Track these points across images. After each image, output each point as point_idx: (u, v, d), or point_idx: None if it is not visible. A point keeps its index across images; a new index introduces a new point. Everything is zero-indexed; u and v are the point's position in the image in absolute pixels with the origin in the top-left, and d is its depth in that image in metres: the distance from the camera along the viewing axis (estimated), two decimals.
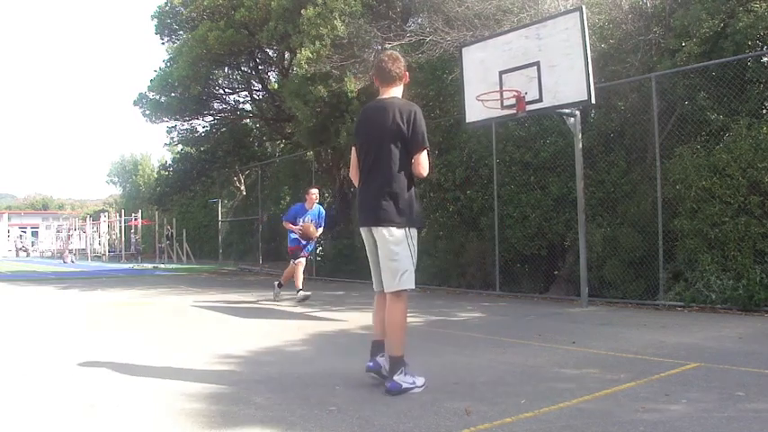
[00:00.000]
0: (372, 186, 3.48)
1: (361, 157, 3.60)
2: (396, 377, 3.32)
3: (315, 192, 8.65)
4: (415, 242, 3.61)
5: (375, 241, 3.54)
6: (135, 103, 16.39)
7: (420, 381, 3.39)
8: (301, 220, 8.49)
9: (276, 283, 8.79)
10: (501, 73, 7.23)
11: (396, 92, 3.61)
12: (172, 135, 18.90)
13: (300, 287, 8.32)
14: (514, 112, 7.10)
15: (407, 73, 3.68)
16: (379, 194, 3.43)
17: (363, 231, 3.62)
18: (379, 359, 3.52)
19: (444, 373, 3.85)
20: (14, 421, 2.91)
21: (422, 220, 3.89)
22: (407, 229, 3.50)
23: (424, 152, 3.47)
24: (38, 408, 3.13)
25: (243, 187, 22.66)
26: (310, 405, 3.11)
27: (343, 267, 12.82)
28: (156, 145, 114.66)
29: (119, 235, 31.49)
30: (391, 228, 3.45)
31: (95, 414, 2.99)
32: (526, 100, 6.96)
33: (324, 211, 8.79)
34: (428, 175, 3.60)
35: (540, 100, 6.88)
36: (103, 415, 2.97)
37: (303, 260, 8.52)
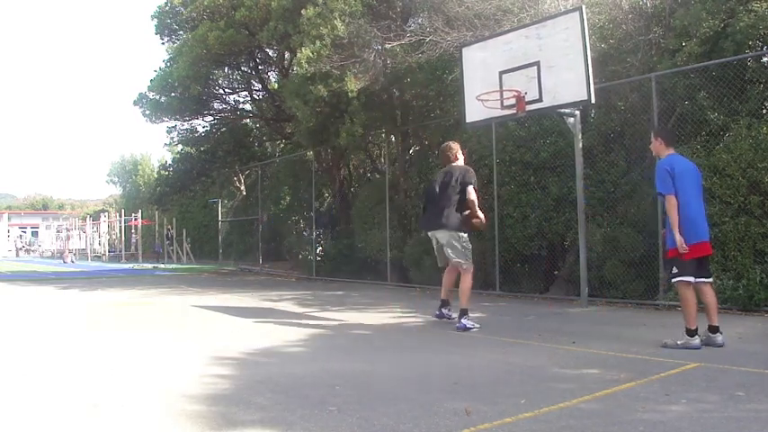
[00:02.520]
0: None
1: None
2: (463, 320, 5.66)
3: None
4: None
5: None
6: (135, 103, 16.38)
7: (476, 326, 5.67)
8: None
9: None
10: (501, 73, 7.22)
11: (458, 163, 6.16)
12: (172, 135, 18.89)
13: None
14: (514, 112, 7.10)
15: (461, 152, 6.31)
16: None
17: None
18: (444, 311, 6.21)
19: (444, 373, 3.85)
20: (20, 420, 2.91)
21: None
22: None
23: (470, 187, 5.85)
24: (42, 407, 3.13)
25: (243, 187, 22.66)
26: (310, 405, 3.11)
27: (343, 267, 12.82)
28: (156, 145, 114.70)
29: (119, 235, 31.50)
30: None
31: (99, 414, 2.99)
32: (526, 100, 6.95)
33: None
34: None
35: (540, 100, 6.88)
36: (107, 415, 2.98)
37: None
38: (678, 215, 4.55)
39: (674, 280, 4.69)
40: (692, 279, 4.56)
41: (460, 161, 6.23)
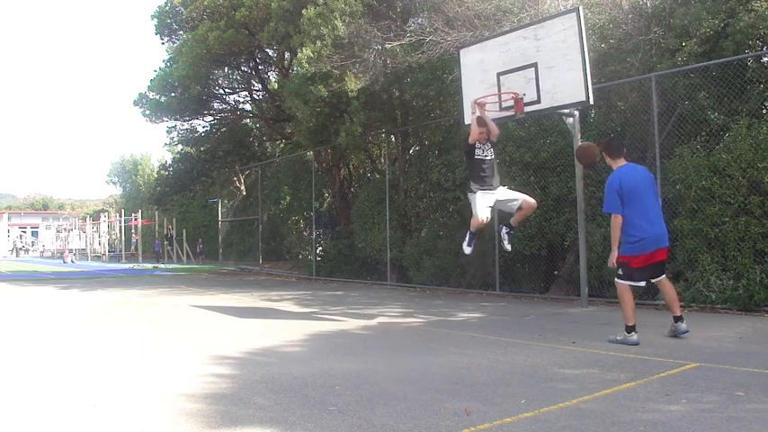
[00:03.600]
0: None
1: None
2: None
3: None
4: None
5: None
6: (135, 103, 16.39)
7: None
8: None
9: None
10: (499, 74, 7.21)
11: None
12: (172, 135, 18.87)
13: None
14: (513, 113, 7.10)
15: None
16: None
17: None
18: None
19: (444, 373, 3.85)
20: (21, 420, 2.91)
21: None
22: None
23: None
24: (43, 407, 3.13)
25: (243, 187, 22.68)
26: (310, 405, 3.11)
27: (344, 267, 12.82)
28: (156, 145, 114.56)
29: (119, 235, 31.50)
30: None
31: (99, 413, 2.99)
32: (524, 101, 6.94)
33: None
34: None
35: (539, 101, 6.87)
36: (107, 415, 2.97)
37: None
38: (623, 230, 4.88)
39: (616, 280, 4.99)
40: (638, 284, 4.98)
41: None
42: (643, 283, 5.01)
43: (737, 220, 6.44)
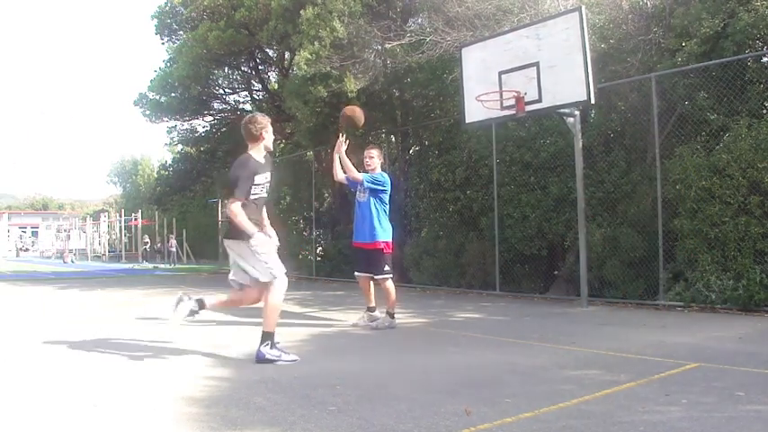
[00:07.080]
0: None
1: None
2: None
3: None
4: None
5: None
6: (135, 104, 16.39)
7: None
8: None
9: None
10: (501, 73, 7.23)
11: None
12: (172, 135, 18.85)
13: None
14: (514, 112, 7.11)
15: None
16: None
17: None
18: None
19: (444, 373, 3.85)
20: (20, 420, 2.91)
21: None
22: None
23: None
24: (42, 407, 3.13)
25: None
26: (310, 405, 3.11)
27: (343, 267, 12.81)
28: (156, 145, 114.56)
29: (119, 235, 31.52)
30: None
31: (98, 414, 2.99)
32: (526, 100, 6.96)
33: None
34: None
35: (540, 100, 6.88)
36: (106, 415, 2.97)
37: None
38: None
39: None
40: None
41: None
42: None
43: (737, 220, 6.44)
